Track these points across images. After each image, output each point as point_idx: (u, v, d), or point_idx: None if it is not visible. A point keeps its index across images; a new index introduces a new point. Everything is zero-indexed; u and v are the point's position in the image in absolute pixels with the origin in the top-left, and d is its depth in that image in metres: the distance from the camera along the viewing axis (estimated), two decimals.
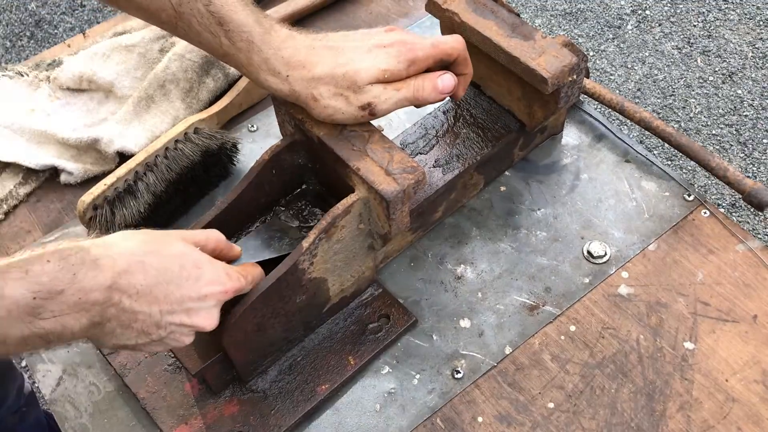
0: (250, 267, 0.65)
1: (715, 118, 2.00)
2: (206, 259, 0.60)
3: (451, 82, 0.69)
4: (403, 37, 0.68)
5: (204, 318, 0.59)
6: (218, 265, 0.61)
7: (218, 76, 0.95)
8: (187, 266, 0.58)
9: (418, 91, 0.67)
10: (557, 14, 2.28)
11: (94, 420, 0.73)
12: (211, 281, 0.59)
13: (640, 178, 0.86)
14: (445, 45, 0.69)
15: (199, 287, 0.58)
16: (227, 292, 0.60)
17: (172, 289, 0.56)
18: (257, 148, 0.93)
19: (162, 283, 0.56)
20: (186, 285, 0.57)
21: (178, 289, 0.57)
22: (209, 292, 0.59)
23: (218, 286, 0.59)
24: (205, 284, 0.58)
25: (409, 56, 0.67)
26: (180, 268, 0.57)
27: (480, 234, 0.83)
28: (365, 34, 0.69)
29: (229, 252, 0.65)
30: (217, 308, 0.60)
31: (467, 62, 0.71)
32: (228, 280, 0.60)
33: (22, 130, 0.92)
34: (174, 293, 0.57)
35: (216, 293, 0.59)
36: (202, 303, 0.59)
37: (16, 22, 2.38)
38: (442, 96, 0.69)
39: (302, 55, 0.67)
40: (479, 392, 0.73)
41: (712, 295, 0.77)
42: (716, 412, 0.70)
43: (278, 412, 0.71)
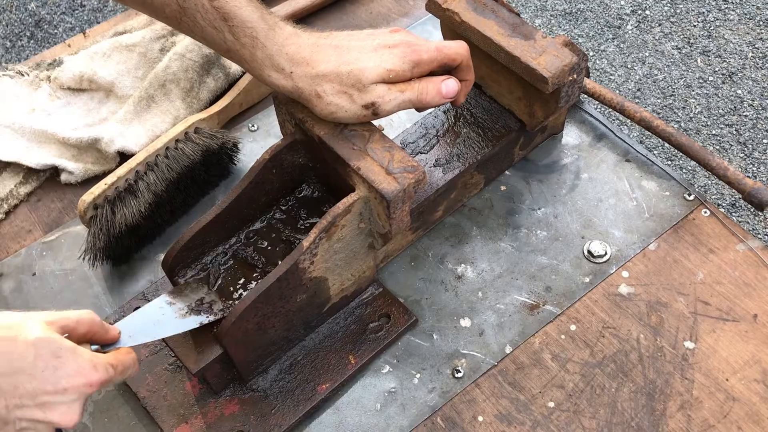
0: (124, 354, 0.60)
1: (715, 118, 2.00)
2: (69, 348, 0.54)
3: (454, 87, 0.69)
4: (408, 38, 0.68)
5: (63, 413, 0.53)
6: (83, 354, 0.55)
7: (219, 76, 0.95)
8: (43, 355, 0.52)
9: (421, 94, 0.68)
10: (557, 14, 2.28)
11: (95, 419, 0.73)
12: (72, 373, 0.53)
13: (640, 178, 0.86)
14: (450, 50, 0.69)
15: (57, 379, 0.52)
16: (91, 384, 0.54)
17: (23, 380, 0.51)
18: (258, 147, 0.93)
19: (11, 373, 0.51)
20: (41, 376, 0.52)
21: (30, 381, 0.52)
22: (69, 384, 0.53)
23: (80, 378, 0.53)
24: (65, 376, 0.53)
25: (414, 58, 0.67)
26: (35, 358, 0.52)
27: (480, 233, 0.83)
28: (370, 34, 0.69)
29: (105, 335, 0.60)
30: (78, 402, 0.54)
31: (470, 69, 0.72)
32: (93, 372, 0.54)
33: (23, 129, 0.92)
34: (24, 385, 0.51)
35: (77, 386, 0.53)
36: (60, 397, 0.53)
37: (16, 22, 2.38)
38: (445, 101, 0.69)
39: (306, 52, 0.67)
40: (480, 391, 0.73)
41: (712, 294, 0.77)
42: (716, 412, 0.70)
43: (279, 411, 0.71)
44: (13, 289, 0.83)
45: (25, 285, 0.83)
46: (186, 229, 0.72)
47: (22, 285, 0.83)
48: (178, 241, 0.70)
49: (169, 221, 0.87)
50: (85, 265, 0.82)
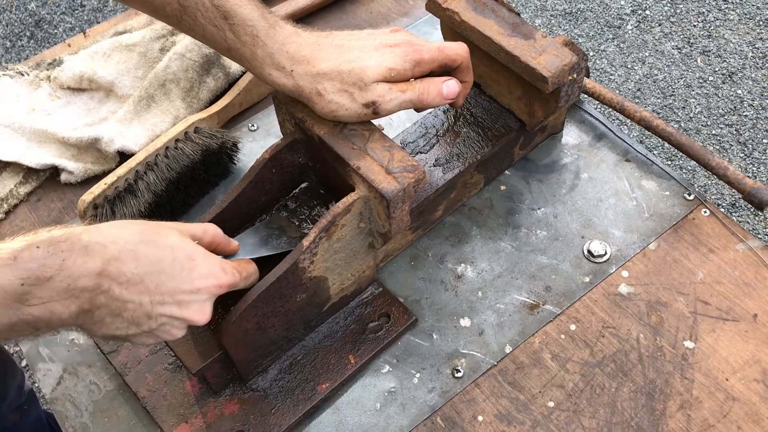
0: (245, 263, 0.65)
1: (715, 118, 2.00)
2: (201, 252, 0.59)
3: (455, 88, 0.69)
4: (409, 38, 0.69)
5: (196, 311, 0.58)
6: (213, 258, 0.60)
7: (219, 76, 0.95)
8: (180, 258, 0.57)
9: (422, 95, 0.68)
10: (557, 14, 2.28)
11: (95, 419, 0.73)
12: (204, 274, 0.58)
13: (640, 178, 0.86)
14: (451, 50, 0.69)
15: (192, 279, 0.57)
16: (221, 286, 0.59)
17: (164, 279, 0.56)
18: (257, 147, 0.93)
19: (154, 273, 0.55)
20: (179, 276, 0.57)
21: (170, 280, 0.56)
22: (202, 285, 0.58)
23: (212, 279, 0.59)
24: (198, 277, 0.58)
25: (416, 57, 0.67)
26: (173, 260, 0.56)
27: (480, 233, 0.83)
28: (371, 33, 0.69)
29: (227, 247, 0.65)
30: (209, 302, 0.60)
31: (470, 70, 0.72)
32: (222, 274, 0.60)
33: (23, 129, 0.92)
34: (166, 284, 0.56)
35: (209, 287, 0.58)
36: (194, 296, 0.58)
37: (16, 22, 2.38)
38: (445, 102, 0.69)
39: (307, 50, 0.67)
40: (479, 391, 0.73)
41: (712, 294, 0.77)
42: (716, 411, 0.70)
43: (278, 411, 0.71)
44: None
45: None
46: None
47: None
48: None
49: (169, 221, 0.86)
50: None
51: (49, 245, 0.51)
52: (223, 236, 0.64)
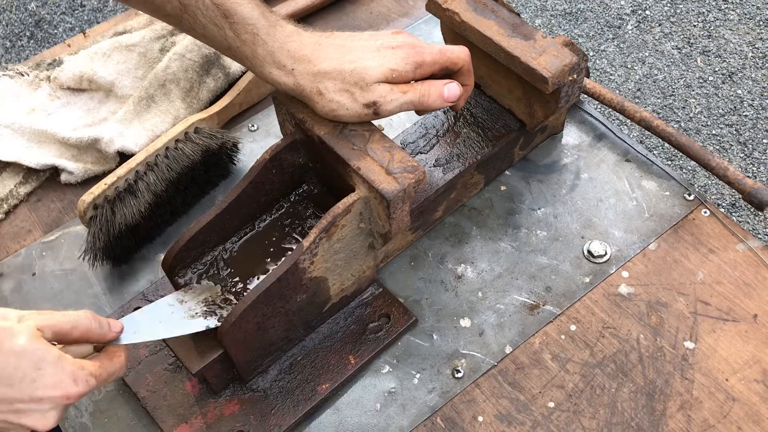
0: (108, 361, 0.60)
1: (715, 118, 2.00)
2: (51, 359, 0.55)
3: (456, 91, 0.69)
4: (411, 40, 0.69)
5: (36, 420, 0.55)
6: (64, 365, 0.56)
7: (219, 76, 0.95)
8: (22, 366, 0.54)
9: (423, 96, 0.68)
10: (557, 14, 2.28)
11: (95, 419, 0.73)
12: (50, 385, 0.55)
13: (640, 178, 0.86)
14: (453, 53, 0.69)
15: (34, 389, 0.54)
16: (68, 397, 0.56)
17: (2, 389, 0.54)
18: (257, 147, 0.93)
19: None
20: (18, 386, 0.54)
21: (9, 390, 0.54)
22: (45, 395, 0.55)
23: (57, 390, 0.55)
24: (42, 387, 0.55)
25: (417, 59, 0.67)
26: (14, 368, 0.54)
27: (480, 233, 0.83)
28: (372, 35, 0.69)
29: (106, 334, 0.61)
30: (55, 411, 0.56)
31: (471, 74, 0.72)
32: (71, 386, 0.56)
33: (23, 129, 0.92)
34: (3, 393, 0.54)
35: (53, 397, 0.55)
36: (35, 405, 0.55)
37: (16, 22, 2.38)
38: (446, 104, 0.69)
39: (308, 49, 0.67)
40: (479, 391, 0.73)
41: (712, 294, 0.77)
42: (716, 412, 0.70)
43: (279, 412, 0.71)
44: (12, 289, 0.83)
45: (24, 285, 0.83)
46: (186, 229, 0.72)
47: (21, 285, 0.83)
48: (178, 241, 0.70)
49: (169, 221, 0.87)
50: (85, 265, 0.82)
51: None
52: (98, 326, 0.60)
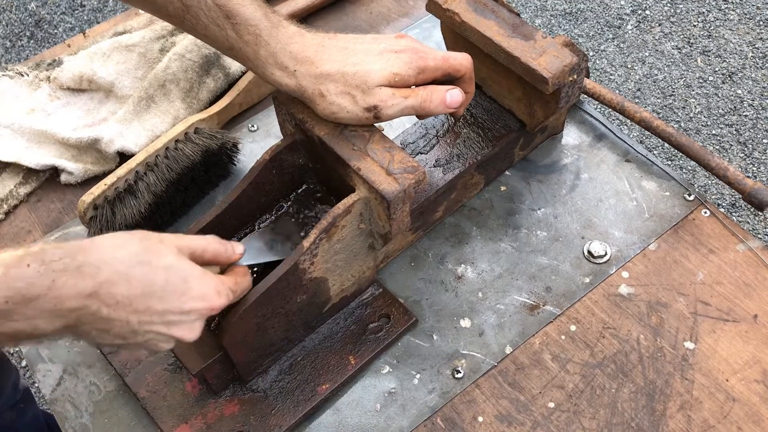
0: (242, 278, 0.64)
1: (715, 118, 2.00)
2: (196, 274, 0.58)
3: (459, 98, 0.69)
4: (414, 44, 0.69)
5: (184, 331, 0.59)
6: (208, 280, 0.59)
7: (218, 76, 0.95)
8: (173, 280, 0.57)
9: (425, 102, 0.68)
10: (557, 14, 2.28)
11: (95, 419, 0.73)
12: (196, 297, 0.58)
13: (640, 178, 0.86)
14: (455, 60, 0.69)
15: (183, 302, 0.57)
16: (213, 308, 0.59)
17: (154, 302, 0.56)
18: (257, 147, 0.93)
19: (145, 295, 0.55)
20: (169, 299, 0.56)
21: (160, 302, 0.56)
22: (193, 307, 0.58)
23: (204, 302, 0.58)
24: (190, 300, 0.57)
25: (420, 64, 0.67)
26: (165, 282, 0.56)
27: (480, 234, 0.83)
28: (376, 38, 0.69)
29: (232, 255, 0.64)
30: (200, 321, 0.60)
31: (472, 81, 0.72)
32: (216, 297, 0.59)
33: (23, 130, 0.92)
34: (155, 306, 0.56)
35: (200, 309, 0.58)
36: (184, 317, 0.58)
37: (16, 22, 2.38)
38: (448, 110, 0.69)
39: (311, 51, 0.67)
40: (480, 392, 0.73)
41: (712, 294, 0.77)
42: (716, 412, 0.70)
43: (279, 412, 0.71)
44: None
45: None
46: (186, 229, 0.72)
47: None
48: None
49: (169, 222, 0.87)
50: None
51: (40, 263, 0.50)
52: (225, 247, 0.63)
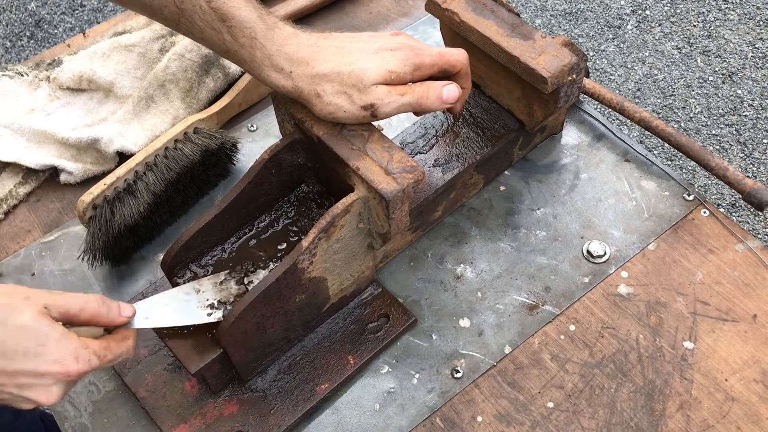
0: (115, 343, 0.61)
1: (715, 118, 2.00)
2: (55, 336, 0.56)
3: (455, 93, 0.69)
4: (409, 42, 0.69)
5: (40, 394, 0.57)
6: (66, 343, 0.57)
7: (218, 76, 0.95)
8: (25, 341, 0.55)
9: (422, 98, 0.68)
10: (557, 14, 2.28)
11: (94, 419, 0.73)
12: (51, 360, 0.56)
13: (639, 178, 0.86)
14: (451, 56, 0.69)
15: (36, 365, 0.56)
16: (69, 374, 0.57)
17: (4, 363, 0.55)
18: (257, 147, 0.93)
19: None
20: (20, 360, 0.55)
21: (11, 364, 0.55)
22: (47, 370, 0.56)
23: (59, 366, 0.56)
24: (44, 363, 0.56)
25: (416, 61, 0.67)
26: (17, 343, 0.55)
27: (480, 233, 0.83)
28: (371, 36, 0.69)
29: (115, 318, 0.62)
30: (58, 386, 0.58)
31: (468, 77, 0.72)
32: (72, 362, 0.57)
33: (22, 130, 0.92)
34: (5, 367, 0.55)
35: (54, 373, 0.56)
36: (38, 380, 0.56)
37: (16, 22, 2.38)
38: (445, 106, 0.69)
39: (306, 51, 0.67)
40: (479, 392, 0.73)
41: (711, 294, 0.77)
42: (716, 412, 0.70)
43: (278, 412, 0.71)
44: None
45: (24, 285, 0.82)
46: (185, 229, 0.72)
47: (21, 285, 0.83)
48: (177, 241, 0.70)
49: (168, 221, 0.87)
50: (84, 266, 0.82)
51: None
52: (106, 310, 0.61)
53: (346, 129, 0.69)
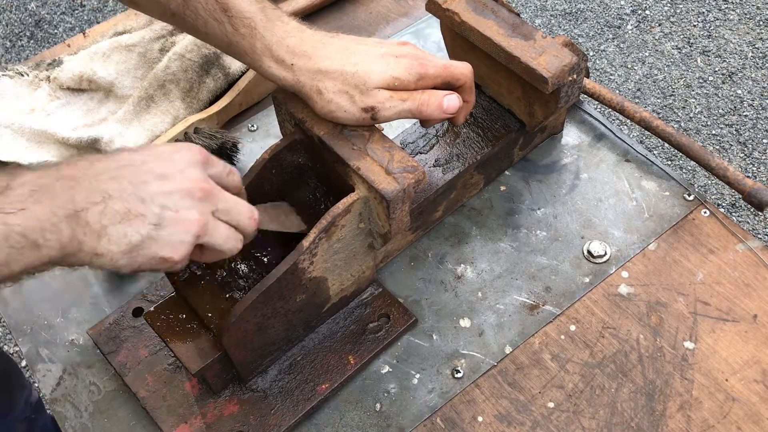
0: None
1: (715, 118, 2.00)
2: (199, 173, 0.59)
3: (456, 103, 0.69)
4: (415, 51, 0.69)
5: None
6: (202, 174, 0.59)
7: (218, 76, 0.95)
8: (162, 154, 0.58)
9: (422, 105, 0.68)
10: (557, 14, 2.28)
11: (94, 419, 0.73)
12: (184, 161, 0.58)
13: (640, 178, 0.86)
14: (456, 69, 0.69)
15: (173, 162, 0.58)
16: (204, 192, 0.58)
17: (142, 169, 0.56)
18: (257, 147, 0.93)
19: (131, 165, 0.56)
20: (155, 163, 0.57)
21: (146, 166, 0.57)
22: (183, 158, 0.58)
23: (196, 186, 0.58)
24: (186, 181, 0.57)
25: (420, 70, 0.67)
26: (155, 156, 0.58)
27: (480, 233, 0.83)
28: (378, 42, 0.70)
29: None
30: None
31: (472, 91, 0.72)
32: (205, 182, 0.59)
33: (22, 129, 0.92)
34: (144, 167, 0.56)
35: (192, 160, 0.59)
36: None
37: (16, 22, 2.38)
38: (445, 116, 0.69)
39: (309, 46, 0.68)
40: (479, 392, 0.73)
41: (712, 294, 0.77)
42: (716, 412, 0.70)
43: (278, 412, 0.71)
44: (12, 289, 0.83)
45: (24, 285, 0.83)
46: None
47: (21, 285, 0.83)
48: None
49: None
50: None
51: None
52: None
53: (347, 129, 0.69)
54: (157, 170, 0.56)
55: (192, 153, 0.59)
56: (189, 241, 0.57)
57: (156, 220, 0.55)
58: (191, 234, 0.57)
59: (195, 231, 0.57)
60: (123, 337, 0.76)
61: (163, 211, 0.55)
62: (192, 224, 0.57)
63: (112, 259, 0.54)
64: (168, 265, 0.57)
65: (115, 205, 0.53)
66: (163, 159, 0.58)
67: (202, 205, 0.58)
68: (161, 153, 0.58)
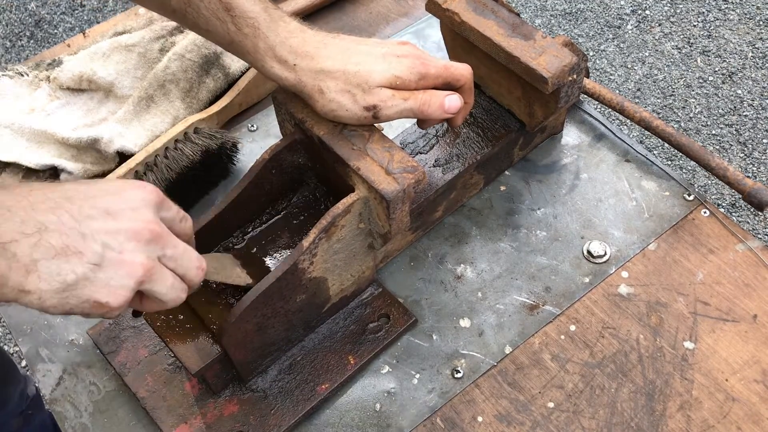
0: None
1: (715, 118, 2.00)
2: (150, 214, 0.54)
3: (457, 103, 0.69)
4: (417, 51, 0.69)
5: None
6: (152, 216, 0.55)
7: (218, 76, 0.95)
8: (108, 188, 0.54)
9: (424, 105, 0.68)
10: (557, 14, 2.28)
11: (94, 419, 0.73)
12: (140, 222, 0.53)
13: (640, 178, 0.86)
14: (456, 70, 0.70)
15: (122, 199, 0.53)
16: (153, 233, 0.54)
17: (87, 202, 0.52)
18: (257, 147, 0.93)
19: (77, 197, 0.51)
20: (103, 197, 0.53)
21: (94, 199, 0.52)
22: (129, 228, 0.53)
23: (142, 228, 0.53)
24: (132, 222, 0.53)
25: (422, 70, 0.68)
26: (102, 190, 0.53)
27: (480, 233, 0.83)
28: (379, 42, 0.70)
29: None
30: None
31: (472, 92, 0.72)
32: (156, 226, 0.54)
33: (22, 130, 0.92)
34: (89, 201, 0.52)
35: (134, 233, 0.52)
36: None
37: (16, 22, 2.38)
38: (446, 116, 0.70)
39: (311, 46, 0.68)
40: (479, 392, 0.73)
41: (712, 294, 0.77)
42: (716, 412, 0.70)
43: (278, 412, 0.71)
44: None
45: None
46: None
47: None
48: None
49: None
50: None
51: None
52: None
53: (347, 129, 0.69)
54: (105, 206, 0.52)
55: (146, 192, 0.55)
56: (130, 287, 0.52)
57: (96, 260, 0.50)
58: (134, 279, 0.52)
59: (138, 276, 0.52)
60: (123, 337, 0.76)
61: (105, 251, 0.51)
62: (136, 268, 0.52)
63: (41, 298, 0.49)
64: (102, 311, 0.52)
65: (51, 238, 0.49)
66: (112, 194, 0.53)
67: (150, 248, 0.53)
68: (112, 188, 0.54)
